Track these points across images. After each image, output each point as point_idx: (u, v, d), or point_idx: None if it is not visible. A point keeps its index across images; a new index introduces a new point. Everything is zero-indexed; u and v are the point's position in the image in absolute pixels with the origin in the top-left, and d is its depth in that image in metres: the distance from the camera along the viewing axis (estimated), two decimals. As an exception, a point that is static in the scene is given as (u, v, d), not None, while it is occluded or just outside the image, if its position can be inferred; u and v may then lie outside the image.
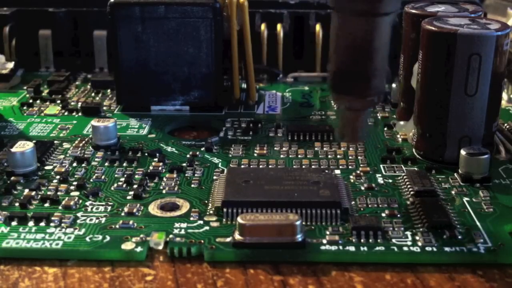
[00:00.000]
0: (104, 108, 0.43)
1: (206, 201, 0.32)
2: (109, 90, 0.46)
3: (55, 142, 0.38)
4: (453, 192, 0.33)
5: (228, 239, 0.29)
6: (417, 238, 0.29)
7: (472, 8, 0.38)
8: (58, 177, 0.34)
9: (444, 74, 0.34)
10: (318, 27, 0.49)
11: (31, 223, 0.30)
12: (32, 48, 0.50)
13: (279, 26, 0.49)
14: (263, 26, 0.49)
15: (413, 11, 0.38)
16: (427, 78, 0.35)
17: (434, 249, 0.28)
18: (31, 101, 0.44)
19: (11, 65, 0.46)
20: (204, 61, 0.41)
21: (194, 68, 0.42)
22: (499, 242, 0.29)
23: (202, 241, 0.29)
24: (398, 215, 0.31)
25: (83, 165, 0.35)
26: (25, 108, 0.43)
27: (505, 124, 0.40)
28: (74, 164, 0.35)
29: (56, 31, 0.50)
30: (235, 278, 0.27)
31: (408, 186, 0.33)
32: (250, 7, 0.47)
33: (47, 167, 0.35)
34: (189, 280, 0.27)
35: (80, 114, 0.42)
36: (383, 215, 0.31)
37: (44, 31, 0.50)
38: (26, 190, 0.33)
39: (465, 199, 0.32)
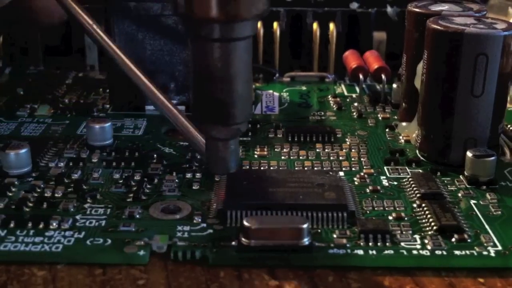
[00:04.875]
0: (97, 107, 0.42)
1: (208, 203, 0.31)
2: (101, 89, 0.45)
3: (49, 142, 0.37)
4: (459, 195, 0.32)
5: (233, 243, 0.28)
6: (426, 241, 0.28)
7: (477, 7, 0.38)
8: (54, 178, 0.33)
9: (450, 74, 0.33)
10: (315, 25, 0.48)
11: (28, 226, 0.29)
12: (21, 45, 0.49)
13: (275, 24, 0.48)
14: (259, 24, 0.48)
15: (416, 9, 0.37)
16: (432, 78, 0.34)
17: (444, 252, 0.28)
18: (21, 100, 0.43)
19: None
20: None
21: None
22: (509, 245, 0.28)
23: (206, 244, 0.28)
24: (406, 218, 0.30)
25: (79, 166, 0.34)
26: (16, 107, 0.42)
27: (509, 126, 0.39)
28: (70, 166, 0.34)
29: (46, 27, 0.48)
30: (230, 283, 0.26)
31: (414, 188, 0.32)
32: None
33: (41, 169, 0.34)
34: (182, 285, 0.26)
35: (73, 113, 0.41)
36: (390, 218, 0.30)
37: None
38: (22, 192, 0.31)
39: (472, 201, 0.32)
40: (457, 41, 0.33)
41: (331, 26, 0.48)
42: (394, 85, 0.42)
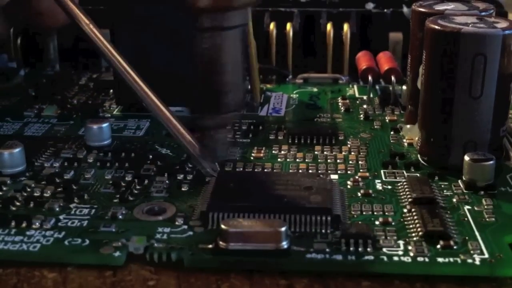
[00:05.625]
0: (104, 108, 0.42)
1: (194, 205, 0.31)
2: (111, 90, 0.45)
3: (49, 142, 0.37)
4: (454, 200, 0.31)
5: (211, 245, 0.28)
6: (410, 247, 0.27)
7: (483, 6, 0.36)
8: (46, 178, 0.33)
9: (447, 75, 0.32)
10: (329, 26, 0.47)
11: (11, 225, 0.29)
12: (37, 46, 0.49)
13: (288, 25, 0.48)
14: (272, 25, 0.48)
15: (421, 9, 0.36)
16: (430, 79, 0.33)
17: (426, 259, 0.27)
18: (31, 100, 0.43)
19: (14, 64, 0.46)
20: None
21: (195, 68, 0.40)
22: (496, 254, 0.27)
23: (183, 246, 0.27)
24: (393, 223, 0.29)
25: (73, 166, 0.34)
26: (24, 107, 0.42)
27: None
28: (64, 166, 0.34)
29: (62, 29, 0.49)
30: (240, 283, 0.26)
31: (407, 192, 0.31)
32: (260, 5, 0.46)
33: (36, 168, 0.34)
34: (192, 285, 0.26)
35: (78, 114, 0.41)
36: (377, 223, 0.29)
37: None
38: (12, 191, 0.32)
39: (467, 207, 0.30)
40: (454, 41, 0.31)
41: (345, 27, 0.47)
42: (404, 87, 0.41)
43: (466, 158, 0.32)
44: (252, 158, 0.35)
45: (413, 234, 0.28)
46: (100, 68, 0.49)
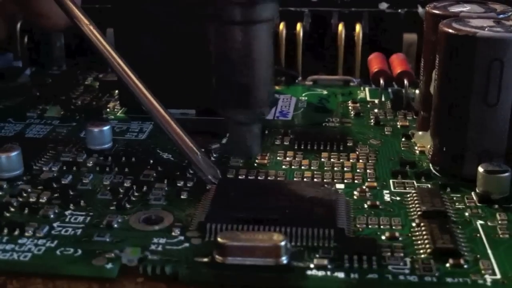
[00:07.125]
0: (108, 110, 0.41)
1: (192, 215, 0.29)
2: (116, 91, 0.44)
3: (49, 145, 0.36)
4: (467, 214, 0.29)
5: (206, 259, 0.26)
6: (417, 266, 0.26)
7: (501, 8, 0.35)
8: (43, 183, 0.32)
9: (462, 81, 0.30)
10: (340, 26, 0.46)
11: (4, 232, 0.28)
12: (44, 46, 0.48)
13: (299, 26, 0.46)
14: (281, 25, 0.46)
15: (435, 11, 0.35)
16: (444, 85, 0.32)
17: (434, 279, 0.25)
18: (35, 101, 0.42)
19: (19, 63, 0.45)
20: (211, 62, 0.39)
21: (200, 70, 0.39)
22: (509, 274, 0.25)
23: (177, 259, 0.26)
24: (400, 238, 0.28)
25: (72, 171, 0.33)
26: (28, 107, 0.41)
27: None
28: (63, 170, 0.33)
29: (69, 28, 0.48)
30: None
31: (417, 205, 0.30)
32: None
33: (34, 172, 0.33)
34: None
35: (82, 115, 0.40)
36: (383, 237, 0.28)
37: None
38: (7, 196, 0.31)
39: (479, 222, 0.29)
40: (469, 45, 0.30)
41: (357, 27, 0.46)
42: (417, 91, 0.40)
43: (480, 169, 0.30)
44: (255, 164, 0.34)
45: (421, 251, 0.27)
46: (107, 68, 0.48)
